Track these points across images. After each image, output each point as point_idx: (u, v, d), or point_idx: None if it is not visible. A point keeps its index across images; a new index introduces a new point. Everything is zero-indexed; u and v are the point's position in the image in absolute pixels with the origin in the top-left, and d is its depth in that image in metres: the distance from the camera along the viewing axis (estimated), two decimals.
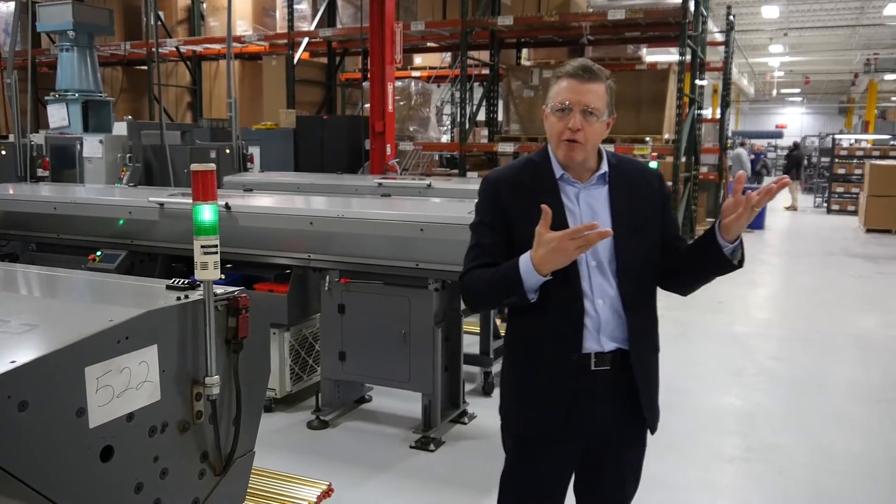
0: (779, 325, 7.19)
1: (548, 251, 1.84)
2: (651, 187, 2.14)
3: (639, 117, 9.81)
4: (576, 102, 1.98)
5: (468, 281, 2.09)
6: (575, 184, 2.06)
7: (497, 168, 2.26)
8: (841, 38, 24.15)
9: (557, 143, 2.03)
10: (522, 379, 2.13)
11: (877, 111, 32.53)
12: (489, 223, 2.09)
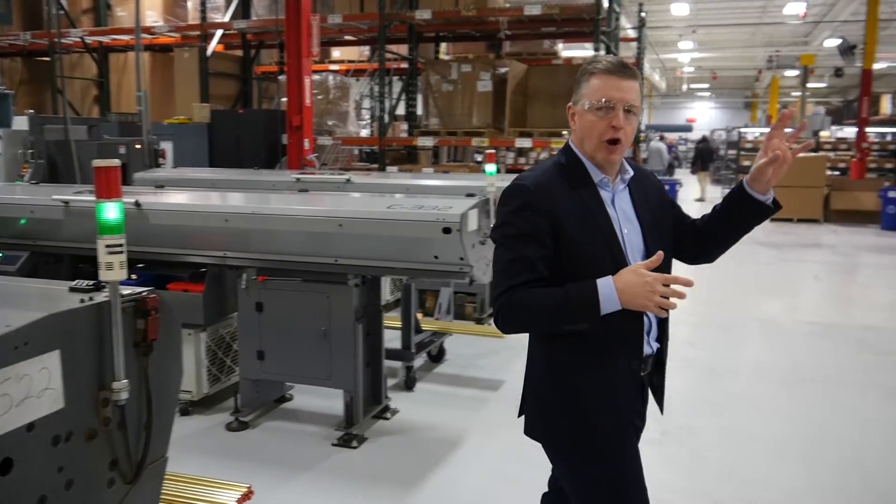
0: (692, 313, 7.44)
1: (638, 285, 1.76)
2: (657, 187, 2.13)
3: (555, 111, 9.96)
4: (619, 100, 1.88)
5: (518, 300, 1.85)
6: (608, 187, 1.98)
7: (524, 174, 2.00)
8: (745, 35, 25.18)
9: (598, 144, 1.91)
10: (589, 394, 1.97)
11: (779, 105, 34.12)
12: (532, 233, 1.86)
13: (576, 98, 1.96)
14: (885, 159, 19.46)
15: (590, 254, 1.88)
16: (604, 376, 1.96)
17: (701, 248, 2.16)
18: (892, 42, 23.77)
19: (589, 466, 2.01)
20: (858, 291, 8.94)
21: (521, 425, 2.14)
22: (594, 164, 1.96)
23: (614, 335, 1.91)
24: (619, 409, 1.99)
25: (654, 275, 1.77)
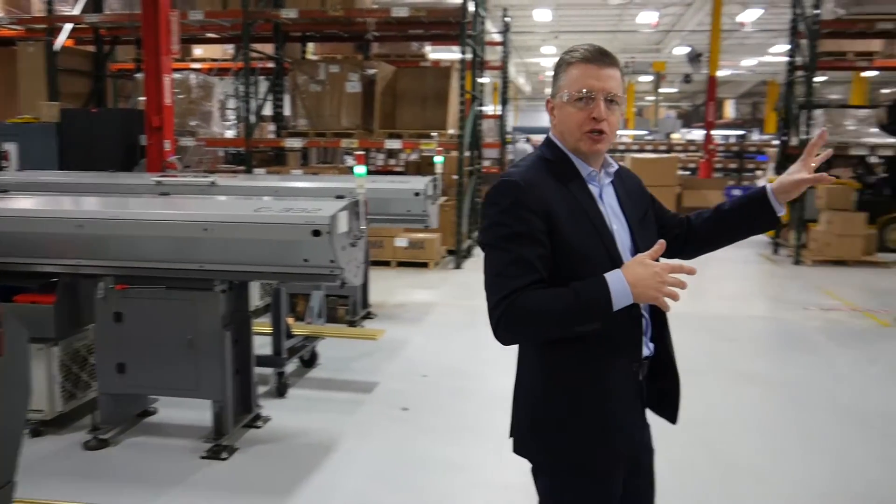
0: None
1: (648, 276, 1.65)
2: (637, 183, 2.05)
3: (425, 113, 10.07)
4: (599, 89, 1.78)
5: (516, 305, 1.70)
6: (595, 182, 1.88)
7: (511, 171, 1.87)
8: (603, 42, 25.96)
9: (580, 136, 1.81)
10: (588, 404, 1.82)
11: (635, 109, 35.99)
12: (528, 232, 1.73)
13: (554, 90, 1.87)
14: (729, 160, 20.99)
15: (586, 251, 1.77)
16: (602, 381, 1.82)
17: (687, 245, 2.12)
18: (733, 51, 25.64)
19: (584, 487, 1.86)
20: (709, 283, 9.58)
21: (398, 424, 2.13)
22: (579, 157, 1.87)
23: (615, 334, 1.78)
24: (616, 419, 1.84)
25: (661, 264, 1.68)
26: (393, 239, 9.43)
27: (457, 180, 10.01)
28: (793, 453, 4.14)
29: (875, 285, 8.78)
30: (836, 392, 5.15)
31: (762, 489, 3.70)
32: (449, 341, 6.23)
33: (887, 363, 5.94)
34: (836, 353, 6.16)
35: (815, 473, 3.87)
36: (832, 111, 11.47)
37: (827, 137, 2.00)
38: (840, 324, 6.99)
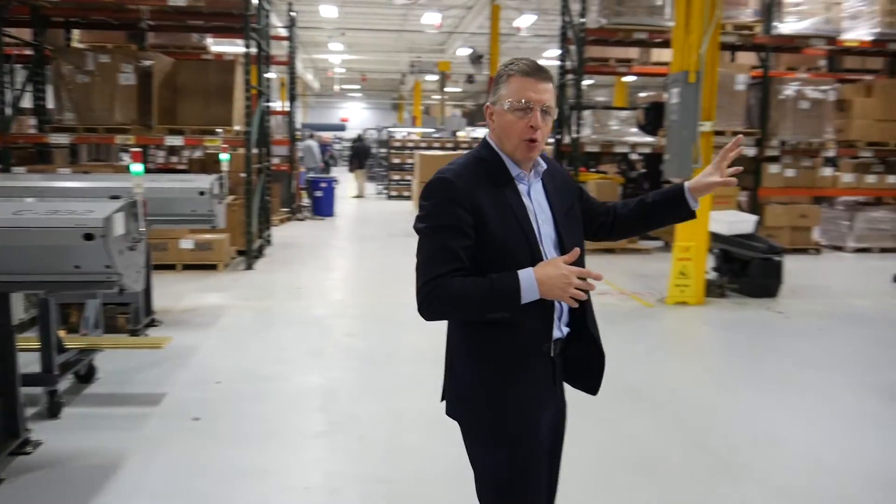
0: (353, 305, 7.76)
1: (556, 277, 1.86)
2: (565, 178, 2.23)
3: (208, 108, 9.64)
4: (536, 101, 1.98)
5: (439, 289, 1.92)
6: (524, 181, 2.07)
7: (447, 168, 2.05)
8: (390, 40, 26.80)
9: (518, 143, 2.01)
10: (506, 377, 2.03)
11: (422, 107, 36.92)
12: (456, 225, 1.94)
13: (494, 98, 2.04)
14: None
15: (509, 245, 1.97)
16: (519, 360, 2.03)
17: (612, 232, 2.36)
18: (512, 53, 27.07)
19: (496, 449, 2.05)
20: None
21: (190, 436, 2.04)
22: (512, 159, 2.05)
23: (529, 320, 1.99)
24: (534, 394, 2.06)
25: (571, 268, 1.88)
26: (178, 241, 8.94)
27: (245, 178, 9.70)
28: (577, 431, 4.45)
29: (639, 270, 9.71)
30: (615, 370, 5.63)
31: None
32: (243, 345, 6.03)
33: (651, 340, 6.60)
34: (610, 333, 6.72)
35: (591, 446, 4.21)
36: (599, 112, 12.50)
37: (742, 142, 2.25)
38: (610, 306, 7.65)
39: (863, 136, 11.64)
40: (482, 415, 2.06)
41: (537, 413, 2.08)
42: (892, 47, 11.58)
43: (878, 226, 11.88)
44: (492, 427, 2.05)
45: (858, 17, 11.55)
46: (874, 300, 8.19)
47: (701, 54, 7.47)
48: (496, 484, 2.07)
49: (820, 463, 4.00)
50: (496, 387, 2.03)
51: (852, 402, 4.96)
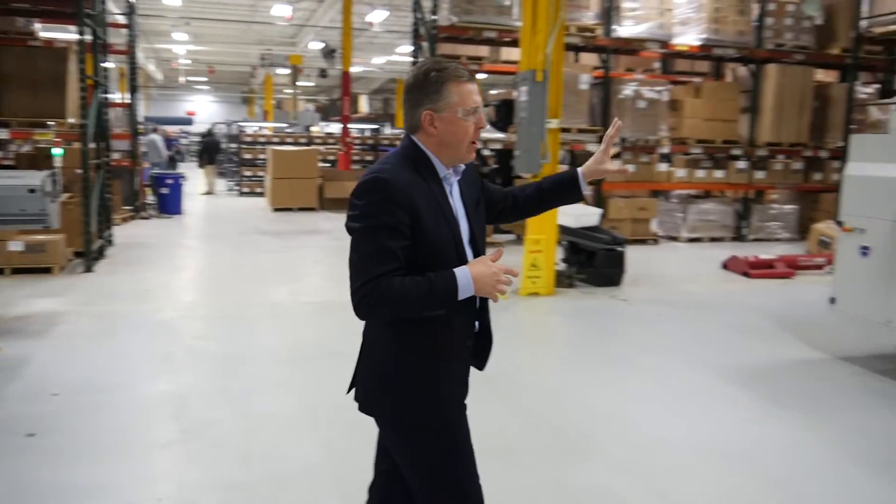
0: (203, 306, 7.46)
1: (488, 275, 1.99)
2: (473, 174, 2.30)
3: (37, 99, 8.94)
4: (479, 104, 2.08)
5: (379, 289, 1.94)
6: (449, 180, 2.15)
7: (379, 168, 2.05)
8: (238, 32, 25.97)
9: (468, 146, 2.10)
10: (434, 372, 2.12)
11: (274, 101, 36.09)
12: (394, 225, 1.96)
13: (438, 106, 2.05)
14: (365, 152, 22.13)
15: (439, 244, 2.04)
16: (449, 354, 2.14)
17: (511, 215, 2.52)
18: (365, 49, 27.04)
19: (427, 437, 2.12)
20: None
21: (22, 454, 1.88)
22: (442, 161, 2.12)
23: (459, 316, 2.11)
24: (454, 384, 2.19)
25: (499, 266, 2.02)
26: (6, 243, 8.23)
27: (81, 175, 9.07)
28: None
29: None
30: None
31: None
32: (83, 353, 5.64)
33: (504, 331, 6.78)
34: None
35: None
36: None
37: (620, 127, 2.46)
38: None
39: (693, 133, 12.54)
40: (413, 407, 2.11)
41: (463, 399, 2.24)
42: (717, 52, 12.54)
43: (708, 217, 12.86)
44: (425, 417, 2.12)
45: (688, 23, 12.43)
46: (706, 286, 8.86)
47: (547, 54, 7.76)
48: (432, 469, 2.15)
49: (662, 439, 4.28)
50: (428, 379, 2.11)
51: (689, 380, 5.34)
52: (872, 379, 5.44)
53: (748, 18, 12.53)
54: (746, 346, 6.28)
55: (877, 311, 5.35)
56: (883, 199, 5.29)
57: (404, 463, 2.18)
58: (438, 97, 2.04)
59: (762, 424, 4.58)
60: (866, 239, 5.44)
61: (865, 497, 3.66)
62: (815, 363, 5.83)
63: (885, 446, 4.27)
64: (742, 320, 7.13)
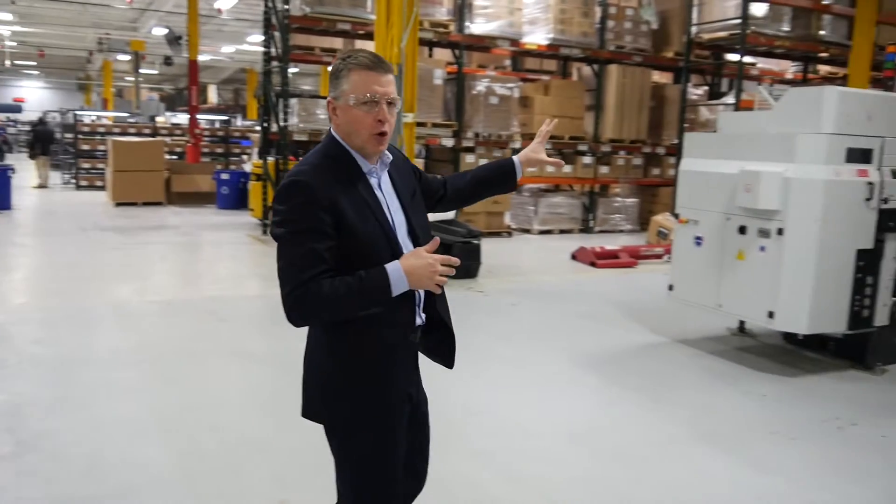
0: (39, 308, 6.92)
1: (423, 267, 1.93)
2: (407, 164, 2.28)
3: None
4: (382, 94, 1.99)
5: (309, 293, 1.90)
6: (374, 174, 2.10)
7: (298, 170, 2.00)
8: (72, 13, 24.14)
9: (367, 137, 2.03)
10: (367, 368, 2.07)
11: (114, 89, 33.95)
12: (317, 227, 1.93)
13: (337, 94, 2.02)
14: (215, 144, 21.30)
15: (369, 240, 1.99)
16: (382, 351, 2.07)
17: (449, 204, 2.51)
18: (213, 37, 26.00)
19: (360, 437, 2.10)
20: (204, 267, 9.63)
21: None
22: (361, 154, 2.06)
23: (396, 313, 2.05)
24: (396, 381, 2.11)
25: (434, 256, 1.95)
26: None
27: None
28: (293, 417, 4.43)
29: None
30: None
31: (265, 458, 3.89)
32: None
33: None
34: None
35: (317, 431, 4.21)
36: (306, 100, 12.48)
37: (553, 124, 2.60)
38: None
39: None
40: (348, 406, 2.08)
41: (401, 398, 2.15)
42: (563, 52, 13.08)
43: (557, 210, 13.41)
44: (364, 423, 2.09)
45: (536, 22, 12.88)
46: (557, 276, 9.24)
47: (402, 48, 7.79)
48: (358, 467, 2.13)
49: (519, 424, 4.42)
50: (365, 378, 2.07)
51: (544, 367, 5.55)
52: (708, 359, 5.88)
53: (592, 21, 13.16)
54: (595, 332, 6.61)
55: (710, 296, 5.79)
56: (713, 193, 5.72)
57: (336, 462, 2.17)
58: (338, 85, 2.03)
59: (611, 406, 4.84)
60: (699, 230, 5.87)
61: (708, 468, 3.95)
62: (657, 347, 6.22)
63: (723, 421, 4.63)
64: (590, 308, 7.49)
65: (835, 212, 5.11)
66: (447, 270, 1.97)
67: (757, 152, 5.40)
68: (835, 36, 12.86)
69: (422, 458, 2.36)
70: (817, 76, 16.00)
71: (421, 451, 2.34)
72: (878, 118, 5.25)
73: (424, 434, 2.36)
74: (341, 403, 2.09)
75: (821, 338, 5.87)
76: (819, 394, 5.14)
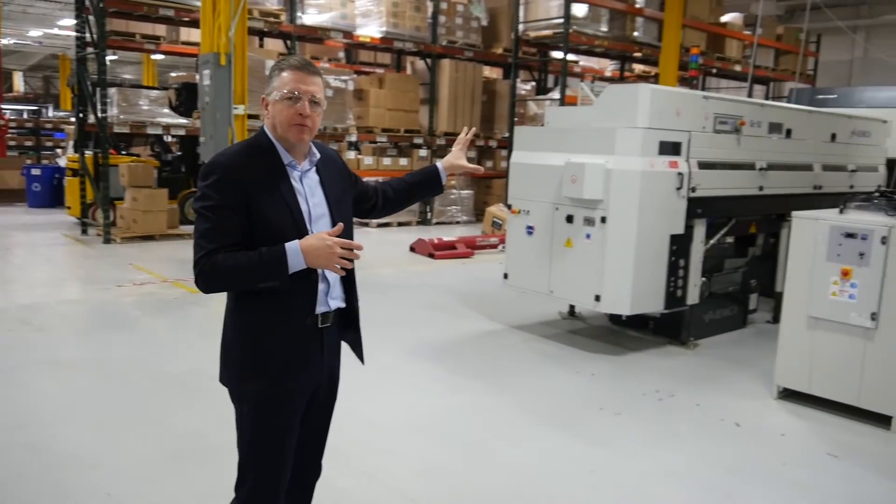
0: None
1: (321, 248, 2.09)
2: (339, 167, 2.47)
3: None
4: (304, 92, 2.21)
5: (212, 262, 2.11)
6: (298, 168, 2.29)
7: (221, 153, 2.26)
8: None
9: (288, 127, 2.22)
10: (261, 346, 2.23)
11: None
12: (228, 205, 2.14)
13: (269, 90, 2.26)
14: (24, 137, 19.56)
15: (276, 223, 2.17)
16: (280, 331, 2.23)
17: (383, 210, 2.73)
18: (18, 19, 23.77)
19: (249, 408, 2.27)
20: (14, 272, 8.81)
21: None
22: (285, 147, 2.26)
23: (294, 296, 2.22)
24: (295, 365, 2.26)
25: (334, 239, 2.10)
26: None
27: None
28: (123, 429, 4.18)
29: (182, 256, 9.44)
30: (158, 361, 5.40)
31: (96, 474, 3.64)
32: None
33: (198, 327, 6.48)
34: (154, 325, 6.44)
35: (148, 440, 3.99)
36: (126, 90, 11.75)
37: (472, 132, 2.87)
38: (153, 296, 7.31)
39: (378, 122, 13.05)
40: (242, 376, 2.26)
41: (294, 380, 2.27)
42: (397, 45, 13.15)
43: None
44: (249, 387, 2.26)
45: (369, 15, 12.85)
46: (396, 268, 9.30)
47: (230, 37, 7.51)
48: (250, 441, 2.30)
49: (361, 417, 4.41)
50: (256, 352, 2.24)
51: (387, 360, 5.56)
52: (542, 343, 6.16)
53: (424, 15, 13.33)
54: (435, 322, 6.73)
55: (542, 283, 6.05)
56: (542, 184, 5.98)
57: (237, 431, 2.34)
58: (270, 82, 2.28)
59: (452, 394, 4.95)
60: (531, 220, 6.12)
61: (545, 447, 4.14)
62: (494, 333, 6.43)
63: (557, 401, 4.87)
64: (430, 299, 7.61)
65: (650, 200, 5.51)
66: (348, 254, 2.13)
67: (581, 145, 5.70)
68: (647, 37, 13.84)
69: (319, 448, 2.57)
70: (633, 74, 17.17)
71: (320, 441, 2.55)
72: (686, 114, 5.70)
73: (325, 424, 2.54)
74: (242, 379, 2.28)
75: (642, 318, 6.31)
76: (642, 369, 5.53)
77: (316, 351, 2.32)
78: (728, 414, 4.70)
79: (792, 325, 4.88)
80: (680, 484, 3.75)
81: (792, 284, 4.90)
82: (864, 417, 4.60)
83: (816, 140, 7.00)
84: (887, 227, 4.43)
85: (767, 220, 6.82)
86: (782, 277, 5.89)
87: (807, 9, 9.56)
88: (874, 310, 4.47)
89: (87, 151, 11.03)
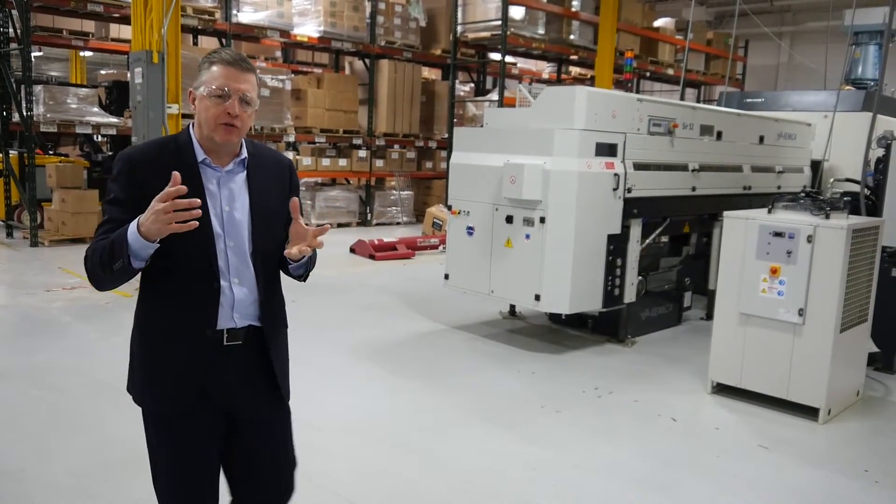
0: None
1: (149, 211, 1.85)
2: (283, 175, 2.26)
3: None
4: (234, 90, 2.03)
5: (88, 253, 2.02)
6: (217, 168, 2.11)
7: (134, 145, 2.19)
8: None
9: (214, 126, 2.05)
10: (155, 356, 2.15)
11: None
12: (124, 200, 2.04)
13: (197, 84, 2.07)
14: None
15: None
16: (171, 344, 2.12)
17: None
18: None
19: (147, 426, 2.20)
20: None
21: None
22: (208, 145, 2.09)
23: (191, 303, 2.08)
24: (185, 374, 2.11)
25: (161, 204, 1.83)
26: None
27: None
28: (54, 438, 4.03)
29: None
30: (90, 367, 5.23)
31: (26, 486, 3.50)
32: None
33: (130, 331, 6.28)
34: (85, 330, 6.23)
35: (80, 450, 3.86)
36: (53, 88, 11.33)
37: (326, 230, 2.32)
38: (84, 300, 7.08)
39: (317, 123, 12.91)
40: (142, 398, 2.19)
41: (189, 395, 2.12)
42: (335, 45, 13.04)
43: (335, 203, 13.39)
44: (152, 411, 2.19)
45: (307, 14, 12.72)
46: (337, 270, 9.22)
47: (163, 34, 7.33)
48: (152, 462, 2.21)
49: (309, 422, 4.34)
50: (147, 365, 2.16)
51: (328, 362, 5.51)
52: (483, 343, 6.19)
53: (362, 15, 13.25)
54: (376, 323, 6.70)
55: (482, 283, 6.09)
56: (482, 185, 6.02)
57: None
58: (199, 76, 2.10)
59: (393, 395, 4.94)
60: (471, 220, 6.15)
61: (486, 445, 4.16)
62: (435, 334, 6.44)
63: (498, 400, 4.90)
64: (371, 300, 7.58)
65: (588, 201, 5.60)
66: (186, 214, 1.83)
67: (520, 146, 5.76)
68: (583, 40, 14.08)
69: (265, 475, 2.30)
70: (569, 77, 17.44)
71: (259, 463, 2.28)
72: (621, 116, 5.82)
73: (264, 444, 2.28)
74: (135, 386, 2.20)
75: (581, 316, 6.42)
76: (581, 367, 5.61)
77: (219, 368, 2.12)
78: (665, 409, 4.81)
79: (724, 321, 5.03)
80: (619, 478, 3.83)
81: (724, 282, 5.05)
82: (792, 410, 4.77)
83: (745, 142, 7.23)
84: (812, 227, 4.61)
85: (700, 220, 7.02)
86: (715, 275, 6.07)
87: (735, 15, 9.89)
88: (801, 306, 4.64)
89: (11, 151, 10.62)
